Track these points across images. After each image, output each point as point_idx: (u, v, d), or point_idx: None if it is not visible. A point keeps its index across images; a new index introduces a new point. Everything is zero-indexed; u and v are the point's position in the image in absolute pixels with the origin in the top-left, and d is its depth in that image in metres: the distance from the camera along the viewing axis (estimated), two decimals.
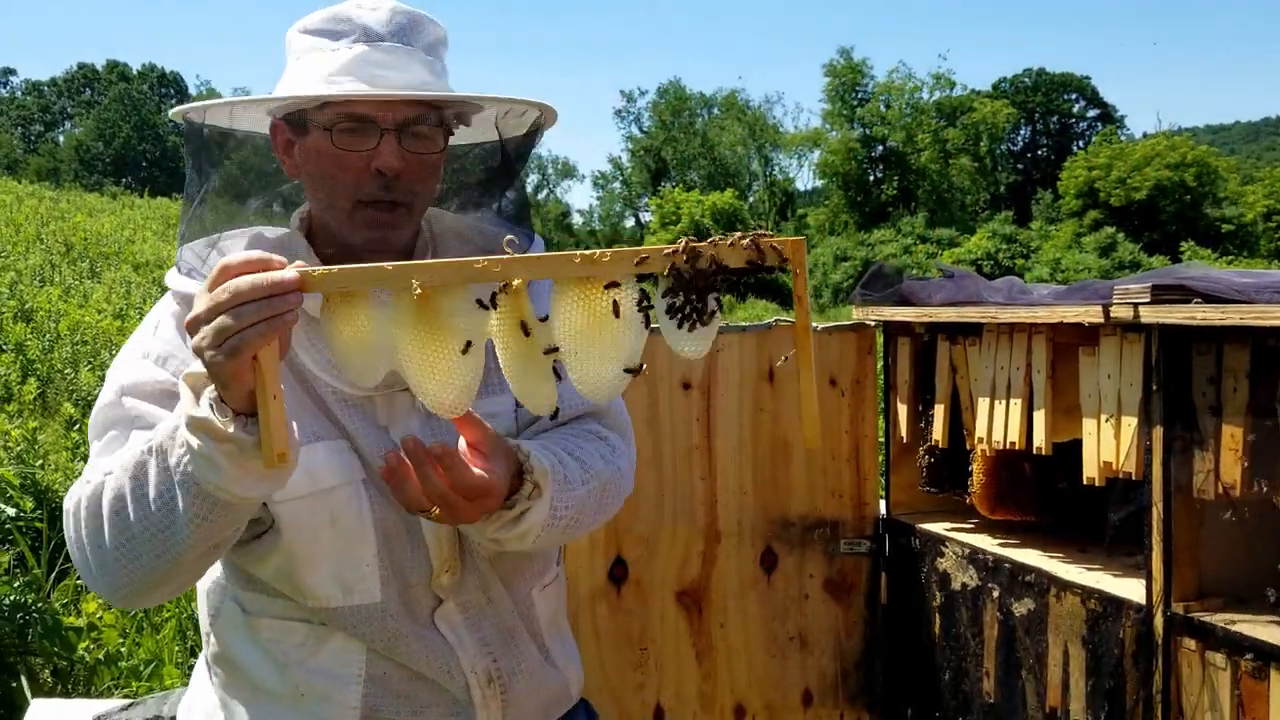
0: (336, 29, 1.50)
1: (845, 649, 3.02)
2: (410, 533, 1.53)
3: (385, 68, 1.48)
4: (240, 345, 1.17)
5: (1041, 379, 2.50)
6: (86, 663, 4.31)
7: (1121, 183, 44.55)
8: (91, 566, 1.38)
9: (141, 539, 1.31)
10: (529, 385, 1.25)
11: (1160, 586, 2.21)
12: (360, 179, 1.48)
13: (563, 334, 1.21)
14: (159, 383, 1.47)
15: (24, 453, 5.79)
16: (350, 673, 1.53)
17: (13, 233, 16.28)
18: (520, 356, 1.23)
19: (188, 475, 1.25)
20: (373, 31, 1.49)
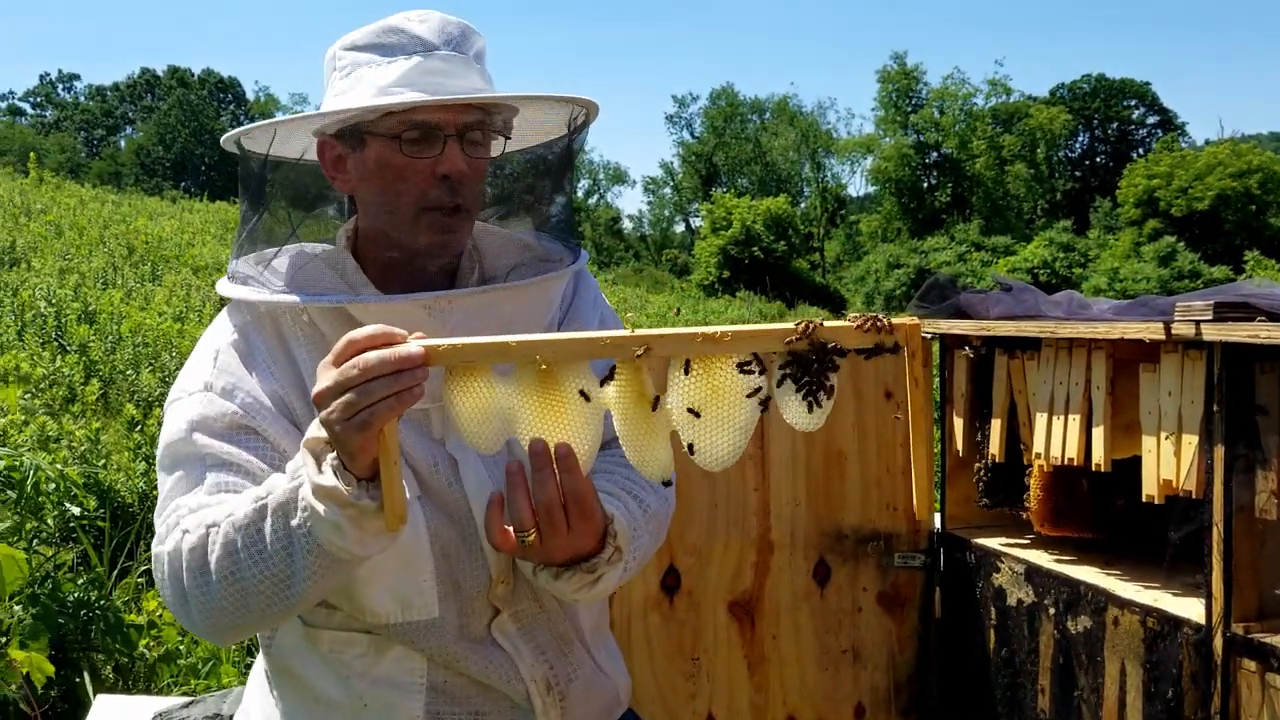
0: (388, 42, 1.52)
1: (898, 663, 3.01)
2: (468, 546, 1.55)
3: (444, 75, 1.51)
4: (370, 420, 1.21)
5: (1101, 395, 2.48)
6: (147, 660, 4.39)
7: (1183, 192, 43.82)
8: (191, 609, 1.41)
9: (255, 591, 1.36)
10: (646, 454, 1.29)
11: (1220, 607, 2.18)
12: (426, 185, 1.51)
13: (683, 405, 1.26)
14: (227, 416, 1.49)
15: (87, 453, 5.91)
16: (413, 681, 1.55)
17: (76, 235, 16.60)
18: (638, 425, 1.28)
19: (310, 537, 1.30)
20: (427, 42, 1.52)
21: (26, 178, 23.25)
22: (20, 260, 13.57)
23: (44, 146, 52.31)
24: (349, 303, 1.49)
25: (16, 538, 4.41)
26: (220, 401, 1.50)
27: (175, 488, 1.48)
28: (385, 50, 1.51)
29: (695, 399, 1.25)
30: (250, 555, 1.35)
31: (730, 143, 61.73)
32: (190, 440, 1.48)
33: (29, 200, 19.27)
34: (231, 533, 1.36)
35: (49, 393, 8.07)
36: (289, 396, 1.52)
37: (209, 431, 1.48)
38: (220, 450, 1.47)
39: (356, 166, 1.55)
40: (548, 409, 1.28)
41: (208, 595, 1.39)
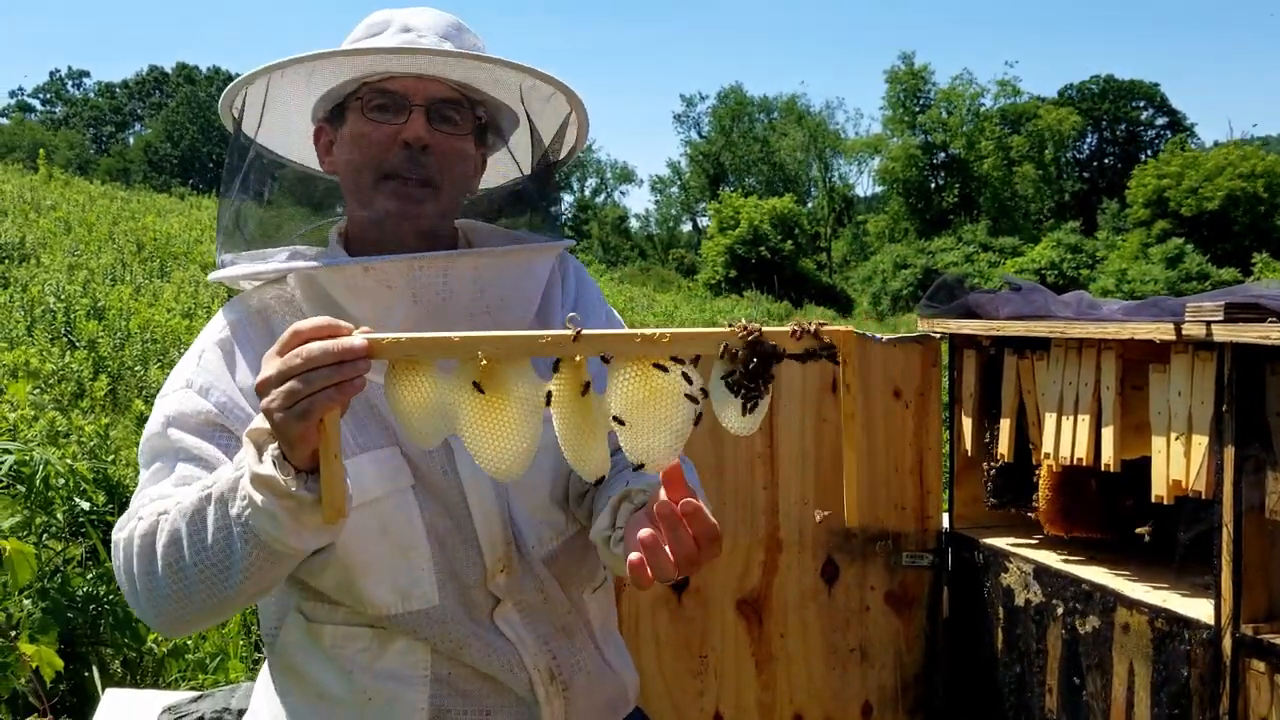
0: (376, 30, 1.57)
1: (905, 662, 3.01)
2: (463, 535, 1.56)
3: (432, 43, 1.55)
4: (310, 409, 1.20)
5: (1110, 395, 2.48)
6: (155, 654, 4.40)
7: (1193, 192, 43.70)
8: (140, 598, 1.42)
9: (196, 580, 1.35)
10: (583, 452, 1.29)
11: (1230, 607, 2.18)
12: (388, 151, 1.54)
13: (619, 406, 1.25)
14: (202, 413, 1.50)
15: (96, 448, 5.92)
16: (416, 674, 1.56)
17: (85, 232, 16.65)
18: (576, 425, 1.27)
19: (247, 527, 1.29)
20: (414, 26, 1.56)
21: (36, 174, 23.30)
22: (30, 256, 13.61)
23: (53, 143, 52.43)
24: (329, 265, 1.52)
25: (26, 532, 4.43)
26: (197, 399, 1.51)
27: (148, 480, 1.49)
28: (371, 34, 1.57)
29: (632, 400, 1.25)
30: (192, 544, 1.34)
31: (738, 142, 61.70)
32: (165, 435, 1.50)
33: (38, 196, 19.31)
34: (178, 520, 1.36)
35: (58, 388, 8.09)
36: None
37: (183, 427, 1.49)
38: (191, 445, 1.48)
39: (339, 145, 1.59)
40: (488, 406, 1.27)
41: (154, 583, 1.38)
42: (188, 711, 3.21)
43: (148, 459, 1.52)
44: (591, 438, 1.28)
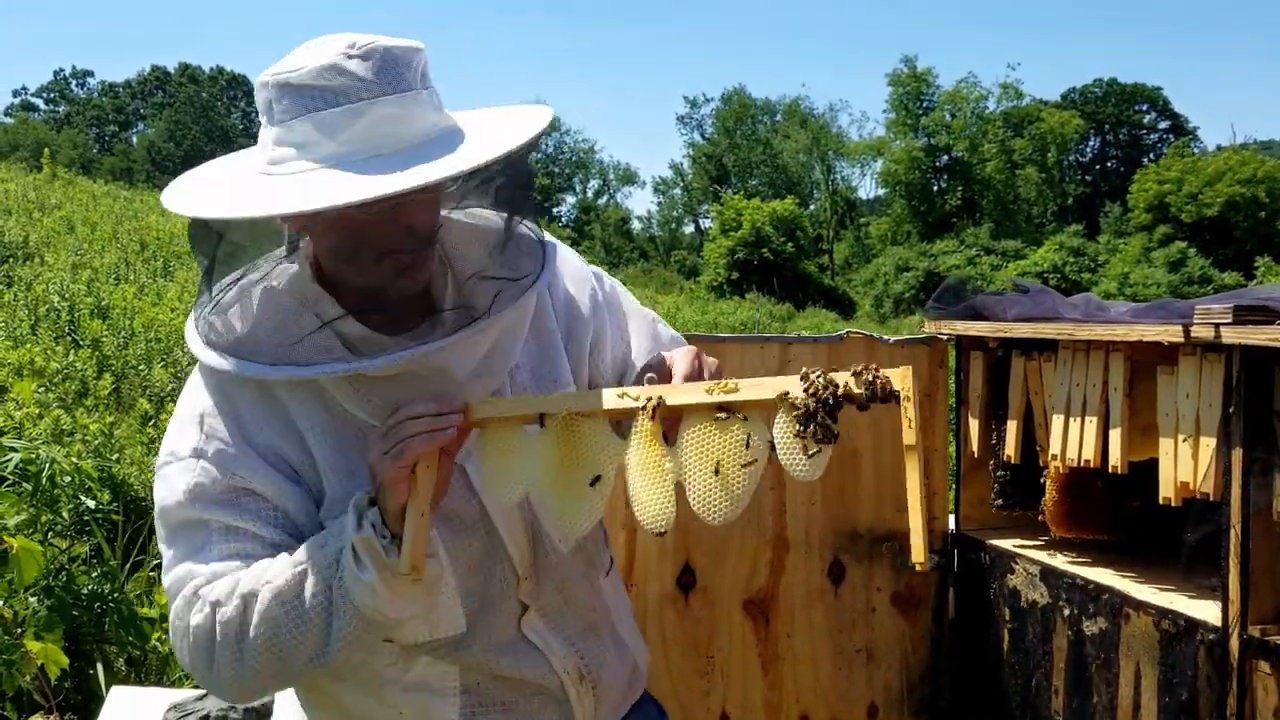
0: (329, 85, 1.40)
1: (911, 663, 3.02)
2: (492, 553, 1.57)
3: (396, 123, 1.42)
4: (404, 450, 1.35)
5: (1118, 397, 2.48)
6: (159, 652, 4.41)
7: (1193, 198, 43.68)
8: (220, 676, 1.44)
9: (293, 656, 1.41)
10: (650, 503, 1.36)
11: (1237, 609, 2.19)
12: (392, 236, 1.46)
13: (686, 462, 1.35)
14: (223, 482, 1.48)
15: (101, 446, 5.92)
16: (446, 685, 1.57)
17: (89, 231, 16.65)
18: (649, 475, 1.36)
19: (347, 598, 1.37)
20: (370, 84, 1.41)
21: (40, 173, 23.31)
22: (34, 255, 13.62)
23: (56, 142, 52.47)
24: (352, 371, 1.45)
25: (32, 530, 4.43)
26: (213, 469, 1.48)
27: (183, 555, 1.48)
28: (326, 97, 1.40)
29: (696, 460, 1.33)
30: (292, 620, 1.39)
31: (741, 144, 61.68)
32: (189, 509, 1.48)
33: (42, 195, 19.33)
34: (271, 601, 1.40)
35: (62, 387, 8.09)
36: (284, 449, 1.50)
37: (207, 499, 1.47)
38: (222, 518, 1.47)
39: (311, 218, 1.48)
40: (569, 462, 1.37)
41: (241, 662, 1.42)
42: (193, 709, 3.23)
43: (173, 533, 1.50)
44: (660, 489, 1.35)
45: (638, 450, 1.35)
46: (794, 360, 2.91)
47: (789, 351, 2.90)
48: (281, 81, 1.43)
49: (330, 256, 1.52)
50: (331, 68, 1.41)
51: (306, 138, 1.42)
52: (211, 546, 1.46)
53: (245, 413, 1.50)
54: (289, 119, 1.43)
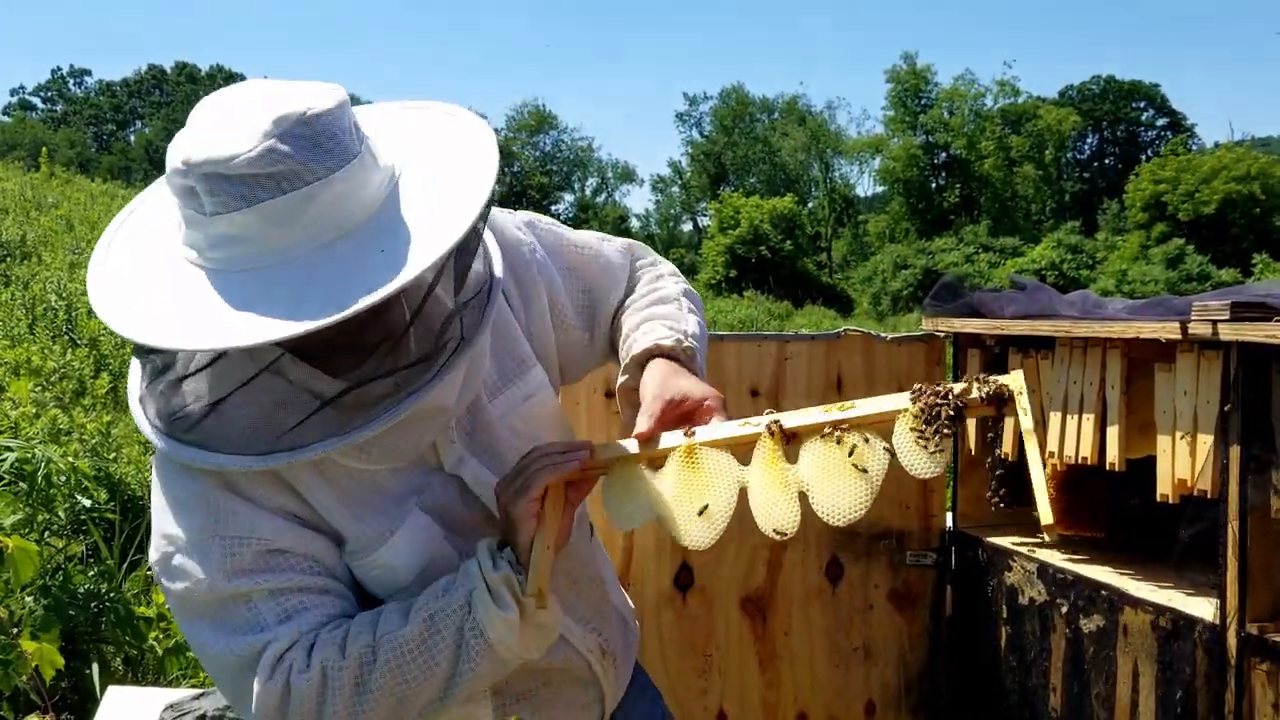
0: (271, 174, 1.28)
1: (909, 661, 3.01)
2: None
3: (351, 199, 1.32)
4: (530, 482, 1.40)
5: (1115, 394, 2.48)
6: (156, 652, 4.40)
7: (1189, 196, 43.73)
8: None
9: (414, 702, 1.42)
10: (775, 514, 1.43)
11: (1234, 606, 2.19)
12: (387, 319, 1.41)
13: (806, 477, 1.43)
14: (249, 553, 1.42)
15: (98, 445, 5.91)
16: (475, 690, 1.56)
17: (87, 230, 16.63)
18: (772, 493, 1.44)
19: (481, 637, 1.39)
20: (314, 167, 1.29)
21: (37, 172, 23.30)
22: (31, 254, 13.61)
23: (54, 141, 52.42)
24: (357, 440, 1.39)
25: (29, 529, 4.43)
26: (236, 541, 1.42)
27: (230, 633, 1.42)
28: (267, 186, 1.28)
29: (816, 473, 1.42)
30: (418, 668, 1.40)
31: (739, 142, 61.68)
32: (222, 587, 1.42)
33: (39, 194, 19.31)
34: (393, 652, 1.39)
35: (59, 386, 8.08)
36: (288, 505, 1.46)
37: (239, 571, 1.42)
38: (263, 584, 1.42)
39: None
40: (694, 489, 1.45)
41: (355, 716, 1.42)
42: (189, 709, 3.22)
43: (207, 616, 1.43)
44: (785, 501, 1.43)
45: (762, 470, 1.44)
46: (791, 358, 2.91)
47: (786, 349, 2.90)
48: (210, 173, 1.28)
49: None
50: (268, 153, 1.27)
51: (252, 231, 1.29)
52: (264, 615, 1.42)
53: (242, 484, 1.44)
54: (227, 212, 1.29)
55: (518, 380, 1.62)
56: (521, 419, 1.62)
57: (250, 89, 1.37)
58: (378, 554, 1.48)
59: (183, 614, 1.45)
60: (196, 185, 1.30)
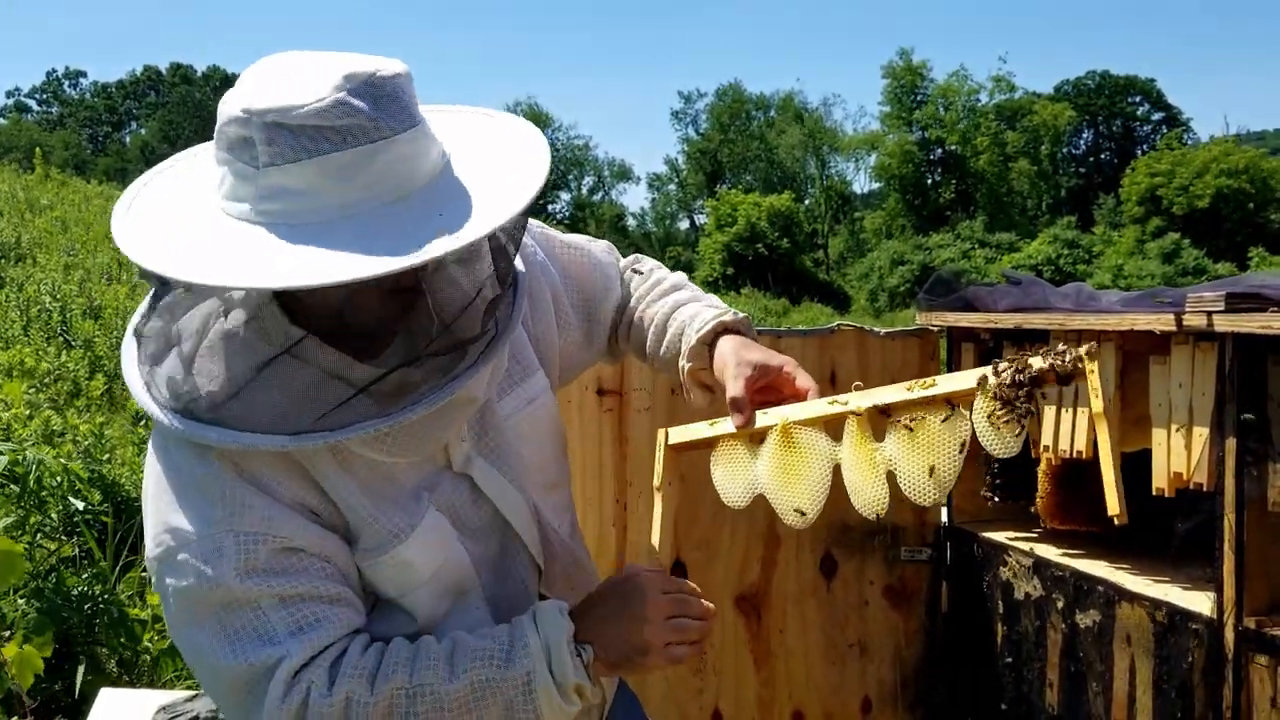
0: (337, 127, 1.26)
1: (905, 657, 3.00)
2: (508, 550, 1.57)
3: (412, 163, 1.31)
4: (683, 655, 1.52)
5: (1110, 388, 2.46)
6: (150, 654, 4.38)
7: (1184, 190, 43.78)
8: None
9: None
10: (865, 493, 1.49)
11: (1231, 600, 2.17)
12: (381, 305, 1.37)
13: (892, 452, 1.48)
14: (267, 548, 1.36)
15: (92, 447, 5.90)
16: None
17: (82, 231, 16.61)
18: (862, 470, 1.49)
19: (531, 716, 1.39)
20: (381, 125, 1.28)
21: (32, 174, 23.27)
22: (26, 256, 13.58)
23: (50, 143, 52.37)
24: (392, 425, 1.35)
25: (21, 531, 4.41)
26: (251, 537, 1.35)
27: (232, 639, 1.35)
28: (333, 139, 1.26)
29: (909, 444, 1.47)
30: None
31: (736, 140, 61.67)
32: (231, 586, 1.34)
33: (34, 196, 19.28)
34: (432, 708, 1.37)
35: (54, 387, 8.06)
36: (308, 499, 1.40)
37: (252, 570, 1.34)
38: (275, 588, 1.36)
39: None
40: (792, 465, 1.54)
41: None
42: (182, 711, 3.20)
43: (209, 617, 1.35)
44: (874, 480, 1.49)
45: (851, 447, 1.49)
46: (785, 353, 2.88)
47: (780, 345, 2.87)
48: (273, 121, 1.26)
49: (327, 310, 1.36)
50: (337, 105, 1.25)
51: (309, 184, 1.26)
52: (273, 626, 1.35)
53: (261, 472, 1.37)
54: (284, 163, 1.26)
55: (523, 383, 1.61)
56: (526, 422, 1.61)
57: (310, 53, 1.35)
58: (397, 550, 1.43)
59: (181, 616, 1.37)
60: (255, 134, 1.27)
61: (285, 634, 1.35)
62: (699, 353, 1.69)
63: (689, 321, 1.72)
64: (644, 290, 1.84)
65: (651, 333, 1.78)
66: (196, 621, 1.36)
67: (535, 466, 1.61)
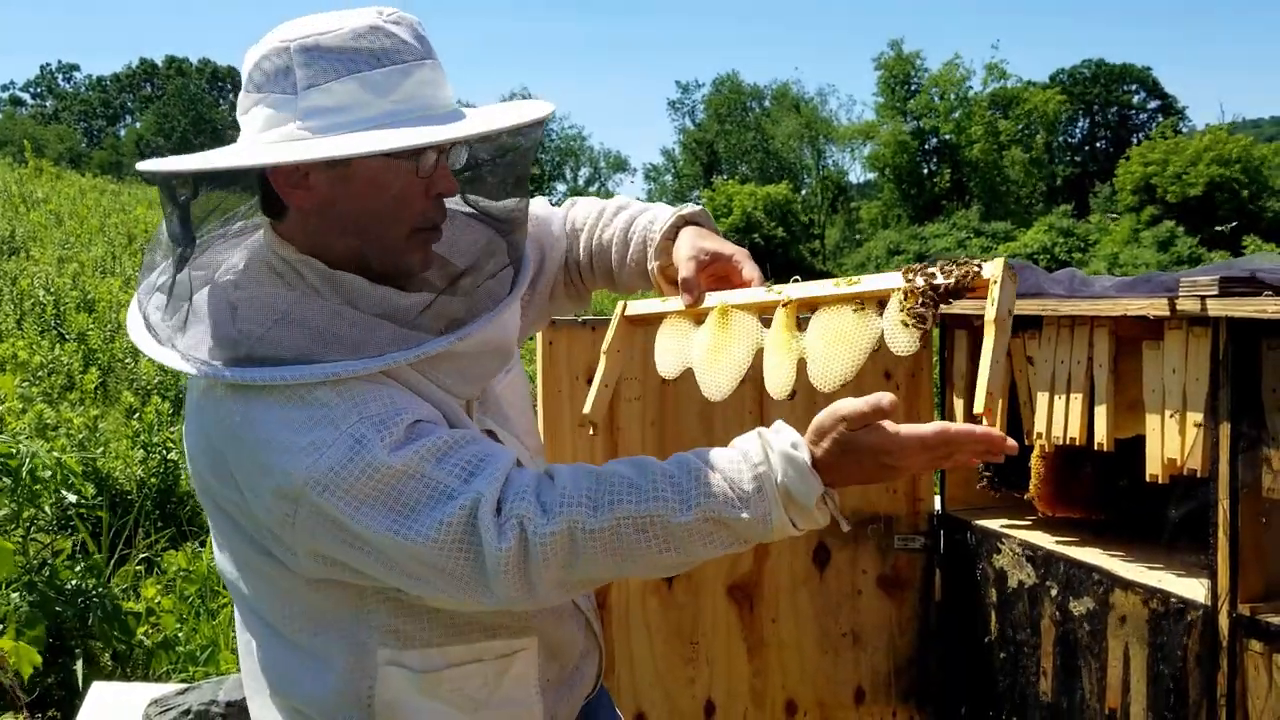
0: (371, 47, 1.38)
1: (898, 646, 2.99)
2: None
3: (433, 87, 1.43)
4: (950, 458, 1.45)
5: (1103, 373, 2.44)
6: (145, 647, 4.37)
7: (1178, 178, 43.74)
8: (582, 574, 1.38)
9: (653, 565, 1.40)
10: (776, 375, 1.58)
11: (1226, 587, 2.16)
12: (422, 204, 1.45)
13: (812, 339, 1.58)
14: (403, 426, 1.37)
15: (86, 440, 5.88)
16: (528, 694, 1.59)
17: (77, 225, 16.58)
18: (779, 354, 1.60)
19: (756, 540, 1.40)
20: (411, 48, 1.41)
21: (25, 167, 23.21)
22: (20, 249, 13.56)
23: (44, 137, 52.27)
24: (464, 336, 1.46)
25: (14, 525, 4.39)
26: (384, 423, 1.36)
27: (411, 510, 1.34)
28: (369, 59, 1.38)
29: (825, 334, 1.56)
30: (686, 554, 1.38)
31: (732, 130, 61.56)
32: (393, 465, 1.34)
33: (28, 189, 19.23)
34: (662, 536, 1.36)
35: (47, 381, 8.04)
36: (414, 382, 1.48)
37: (400, 445, 1.35)
38: (428, 449, 1.36)
39: (330, 183, 1.42)
40: (722, 344, 1.65)
41: (607, 577, 1.43)
42: (174, 704, 3.19)
43: (384, 498, 1.34)
44: (785, 363, 1.59)
45: (774, 333, 1.61)
46: None
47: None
48: (311, 45, 1.37)
49: (348, 231, 1.44)
50: (374, 30, 1.39)
51: (351, 99, 1.37)
52: (445, 483, 1.34)
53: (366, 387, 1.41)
54: (324, 82, 1.36)
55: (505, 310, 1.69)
56: (509, 389, 1.68)
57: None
58: None
59: (355, 525, 1.34)
60: (294, 60, 1.37)
61: (460, 483, 1.35)
62: (665, 248, 1.78)
63: (649, 226, 1.81)
64: (591, 220, 1.90)
65: (615, 250, 1.85)
66: (373, 521, 1.33)
67: (524, 430, 1.69)
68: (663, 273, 1.79)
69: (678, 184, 64.81)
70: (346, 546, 1.36)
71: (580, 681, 1.71)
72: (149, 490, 5.88)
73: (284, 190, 1.43)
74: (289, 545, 1.40)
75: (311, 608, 1.49)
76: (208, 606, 4.78)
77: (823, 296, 1.60)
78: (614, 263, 1.85)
